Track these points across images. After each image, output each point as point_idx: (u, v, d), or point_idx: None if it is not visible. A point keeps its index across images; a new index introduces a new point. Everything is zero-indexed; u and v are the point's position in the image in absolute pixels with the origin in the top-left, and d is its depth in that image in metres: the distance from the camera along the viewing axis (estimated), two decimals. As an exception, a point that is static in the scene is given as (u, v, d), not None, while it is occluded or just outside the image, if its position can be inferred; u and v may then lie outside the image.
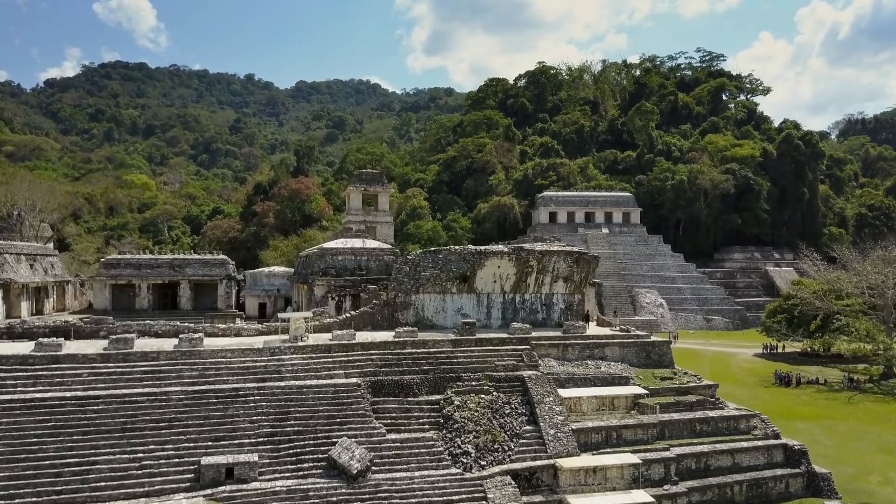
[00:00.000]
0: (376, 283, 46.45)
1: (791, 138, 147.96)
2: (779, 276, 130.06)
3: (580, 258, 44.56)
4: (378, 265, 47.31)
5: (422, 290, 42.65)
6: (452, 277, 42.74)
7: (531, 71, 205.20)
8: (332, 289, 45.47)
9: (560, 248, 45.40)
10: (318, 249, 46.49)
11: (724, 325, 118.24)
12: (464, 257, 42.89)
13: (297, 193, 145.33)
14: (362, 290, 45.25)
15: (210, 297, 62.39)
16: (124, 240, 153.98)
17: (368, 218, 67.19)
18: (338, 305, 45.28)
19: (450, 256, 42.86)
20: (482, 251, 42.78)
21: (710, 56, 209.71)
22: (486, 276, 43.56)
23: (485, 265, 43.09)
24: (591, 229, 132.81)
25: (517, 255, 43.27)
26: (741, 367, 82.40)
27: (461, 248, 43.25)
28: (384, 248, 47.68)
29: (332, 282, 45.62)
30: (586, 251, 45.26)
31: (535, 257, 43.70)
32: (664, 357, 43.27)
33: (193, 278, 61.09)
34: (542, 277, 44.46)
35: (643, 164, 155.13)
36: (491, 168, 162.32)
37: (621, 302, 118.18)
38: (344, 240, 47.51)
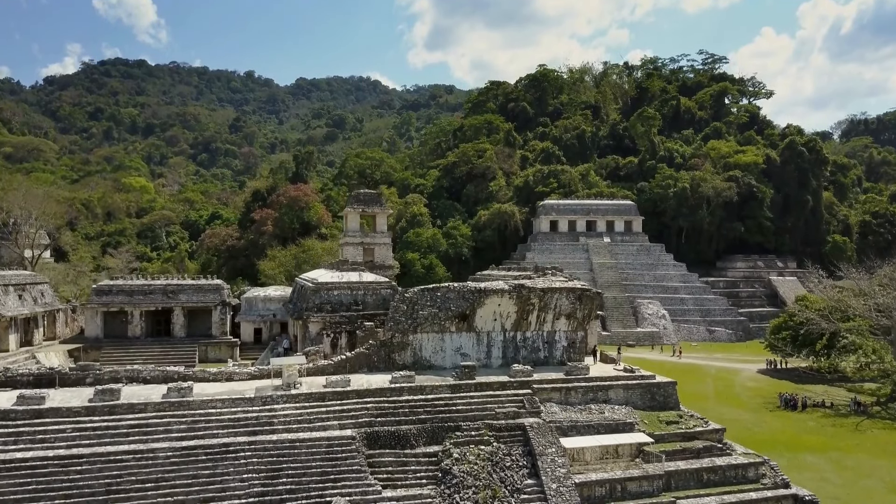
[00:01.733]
0: (373, 318, 45.14)
1: (795, 145, 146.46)
2: (782, 286, 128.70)
3: (583, 295, 43.21)
4: (375, 300, 45.98)
5: (419, 330, 41.29)
6: (451, 316, 41.40)
7: (532, 74, 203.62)
8: (327, 325, 44.14)
9: (562, 283, 44.03)
10: (313, 284, 45.12)
11: (727, 337, 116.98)
12: (463, 295, 41.54)
13: (295, 201, 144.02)
14: (358, 326, 43.92)
15: (204, 323, 61.17)
16: (122, 247, 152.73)
17: (366, 239, 65.72)
18: (333, 343, 43.95)
19: (448, 294, 41.51)
20: (482, 290, 41.41)
21: (713, 58, 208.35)
22: (486, 314, 42.23)
23: (485, 303, 41.76)
24: (593, 238, 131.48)
25: (518, 292, 41.92)
26: (745, 387, 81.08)
27: (460, 285, 41.88)
28: (381, 282, 46.30)
29: (327, 318, 44.29)
30: (589, 287, 43.86)
31: (537, 295, 42.36)
32: (669, 399, 41.95)
33: (187, 305, 59.86)
34: (543, 315, 43.14)
35: (645, 171, 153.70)
36: (491, 174, 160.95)
37: (623, 313, 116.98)
38: (340, 273, 46.13)
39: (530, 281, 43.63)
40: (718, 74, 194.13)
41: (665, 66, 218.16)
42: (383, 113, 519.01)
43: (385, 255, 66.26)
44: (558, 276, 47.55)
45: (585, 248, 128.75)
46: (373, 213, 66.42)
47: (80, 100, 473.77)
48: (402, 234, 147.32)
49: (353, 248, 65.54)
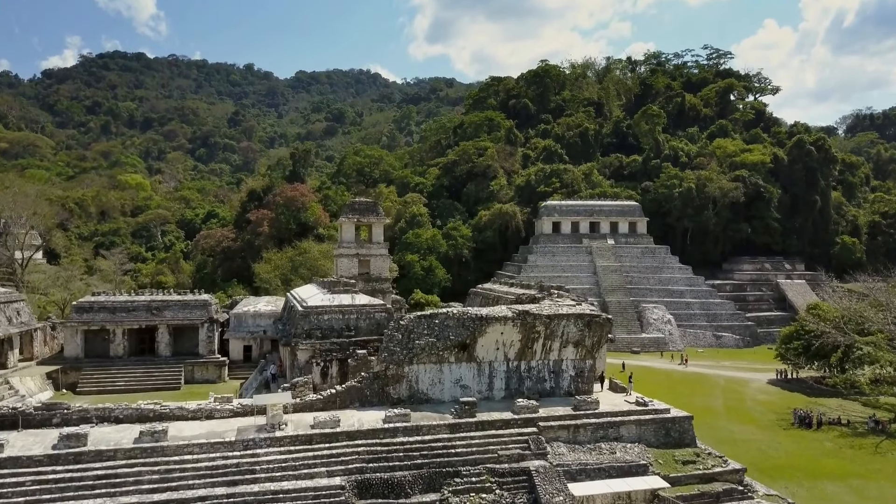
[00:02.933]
0: (366, 344, 42.10)
1: (803, 143, 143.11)
2: (791, 290, 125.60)
3: (592, 321, 40.13)
4: (368, 324, 42.90)
5: (416, 361, 38.24)
6: (450, 346, 38.34)
7: (534, 70, 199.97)
8: (317, 353, 41.09)
9: (570, 308, 40.93)
10: (302, 308, 42.02)
11: (734, 343, 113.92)
12: (463, 323, 38.46)
13: (292, 201, 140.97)
14: (350, 354, 40.88)
15: (191, 340, 58.14)
16: (115, 248, 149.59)
17: (362, 251, 62.52)
18: (323, 372, 40.92)
19: (447, 322, 38.43)
20: (483, 317, 38.33)
21: (717, 53, 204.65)
22: (488, 343, 39.16)
23: (486, 332, 38.70)
24: (597, 240, 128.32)
25: (522, 320, 38.85)
26: (756, 401, 78.05)
27: (459, 312, 38.79)
28: (375, 305, 43.19)
29: (316, 345, 41.23)
30: (599, 313, 40.75)
31: (543, 322, 39.28)
32: (685, 434, 38.92)
33: (172, 322, 56.78)
34: (549, 343, 40.08)
35: (649, 170, 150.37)
36: (492, 173, 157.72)
37: (628, 318, 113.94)
38: (331, 295, 43.04)
39: (535, 306, 40.51)
40: (724, 70, 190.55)
41: (669, 61, 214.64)
42: (383, 106, 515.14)
43: (381, 266, 63.07)
44: (565, 299, 44.43)
45: (589, 251, 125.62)
46: (368, 222, 63.17)
47: (78, 93, 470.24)
48: (401, 234, 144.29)
49: (348, 259, 62.40)
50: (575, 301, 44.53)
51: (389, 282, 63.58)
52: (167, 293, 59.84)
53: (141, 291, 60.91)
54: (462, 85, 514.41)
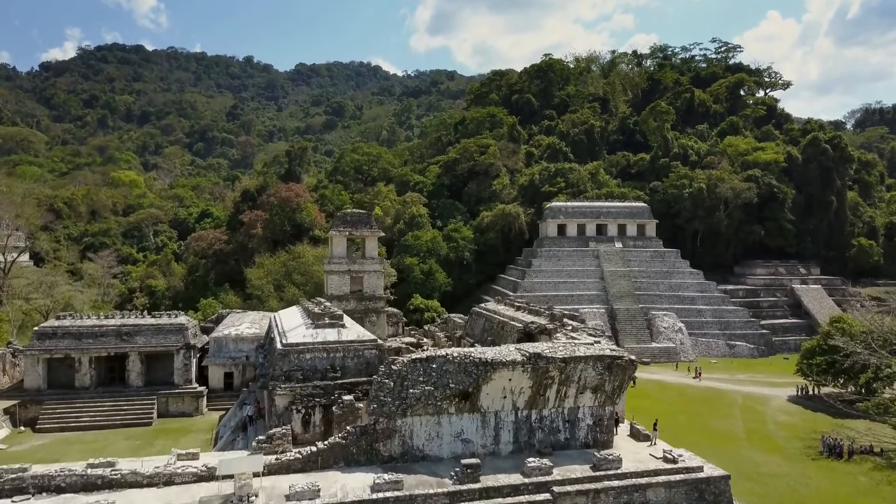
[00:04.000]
0: (354, 388, 36.88)
1: (817, 141, 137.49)
2: (806, 295, 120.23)
3: (613, 364, 34.87)
4: (357, 364, 37.65)
5: (410, 413, 33.00)
6: (450, 395, 33.11)
7: (537, 64, 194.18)
8: (297, 398, 35.87)
9: (587, 348, 35.65)
10: (282, 346, 36.75)
11: (748, 352, 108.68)
12: (465, 369, 33.21)
13: (286, 202, 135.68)
14: (336, 400, 35.67)
15: (166, 368, 52.79)
16: (104, 250, 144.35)
17: (354, 267, 57.17)
18: (305, 420, 35.69)
19: (446, 367, 33.18)
20: (489, 362, 33.07)
21: (726, 47, 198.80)
22: (494, 391, 33.94)
23: (492, 379, 33.47)
24: (604, 243, 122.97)
25: (534, 364, 33.59)
26: (778, 423, 72.86)
27: (461, 355, 33.53)
28: (365, 341, 37.92)
29: (297, 389, 36.00)
30: (622, 353, 35.44)
31: (557, 366, 34.02)
32: (721, 497, 33.67)
33: (145, 349, 51.47)
34: (565, 389, 34.85)
35: (657, 169, 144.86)
36: (495, 171, 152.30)
37: (637, 327, 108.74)
38: (314, 331, 37.79)
39: (548, 346, 35.21)
40: (734, 65, 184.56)
41: (675, 55, 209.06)
42: (383, 100, 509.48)
43: (375, 284, 57.78)
44: (581, 333, 39.12)
45: (596, 255, 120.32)
46: (362, 235, 57.77)
47: (76, 87, 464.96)
48: (399, 236, 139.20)
49: (339, 276, 57.15)
50: (592, 335, 39.23)
51: (384, 300, 58.32)
52: (140, 315, 54.55)
53: (112, 313, 55.68)
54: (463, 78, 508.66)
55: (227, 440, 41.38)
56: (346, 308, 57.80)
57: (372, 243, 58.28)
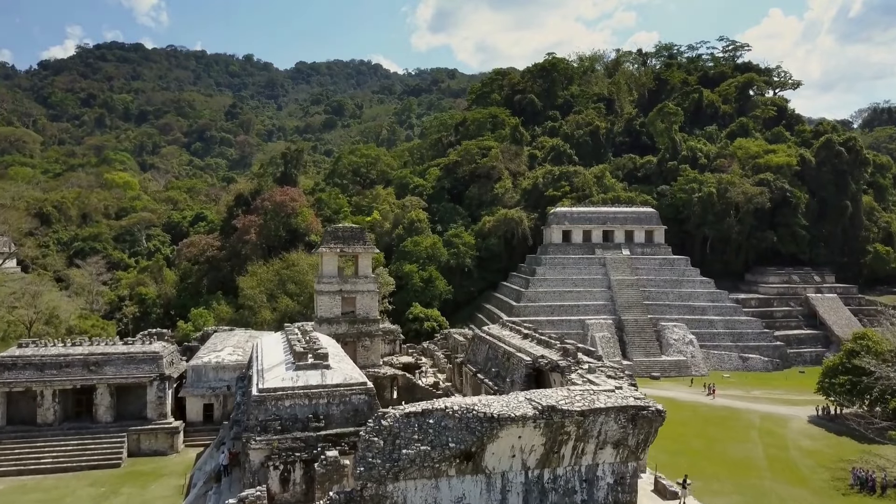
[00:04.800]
0: (340, 440, 32.22)
1: (832, 144, 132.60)
2: (822, 305, 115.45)
3: (638, 416, 30.22)
4: (343, 411, 32.96)
5: (403, 476, 28.33)
6: (450, 456, 28.44)
7: (540, 63, 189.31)
8: (275, 453, 31.25)
9: (608, 397, 31.00)
10: (258, 393, 32.08)
11: (762, 365, 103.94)
12: (467, 425, 28.53)
13: (281, 206, 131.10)
14: (318, 455, 31.05)
15: (138, 400, 47.90)
16: (93, 256, 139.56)
17: (346, 287, 52.38)
18: (283, 478, 31.07)
19: (445, 423, 28.51)
20: (495, 417, 28.42)
21: (734, 45, 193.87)
22: (501, 449, 29.29)
23: (499, 436, 28.83)
24: (610, 250, 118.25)
25: (547, 419, 28.94)
26: (801, 449, 68.09)
27: (462, 409, 28.86)
28: (352, 385, 33.27)
29: (274, 442, 31.38)
30: (648, 403, 30.77)
31: (574, 421, 29.37)
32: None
33: (115, 380, 46.59)
34: (582, 445, 30.23)
35: (665, 172, 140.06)
36: (497, 174, 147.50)
37: (646, 339, 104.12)
38: (294, 373, 33.14)
39: (564, 396, 30.48)
40: (742, 64, 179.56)
41: (682, 53, 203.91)
42: (384, 98, 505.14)
43: (369, 305, 53.03)
44: (599, 376, 34.38)
45: (602, 262, 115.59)
46: (354, 252, 52.99)
47: (74, 85, 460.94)
48: (398, 242, 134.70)
49: (329, 297, 52.42)
50: (611, 376, 34.50)
51: (378, 323, 53.63)
52: (110, 342, 49.81)
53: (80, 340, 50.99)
54: (465, 76, 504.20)
55: (198, 493, 36.81)
56: (338, 332, 53.30)
57: (365, 261, 53.53)
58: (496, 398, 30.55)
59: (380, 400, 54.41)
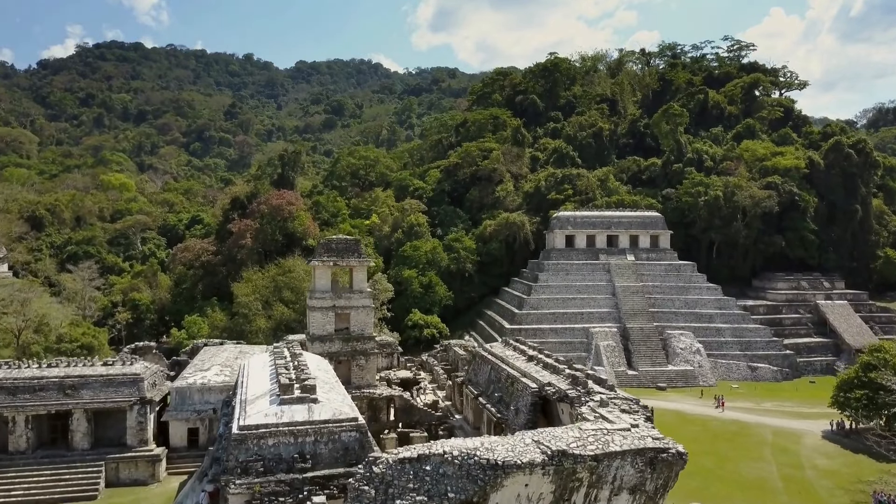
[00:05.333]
0: (328, 483, 29.31)
1: (841, 146, 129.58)
2: (832, 312, 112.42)
3: (657, 458, 27.32)
4: (332, 450, 30.01)
5: (397, 529, 25.39)
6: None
7: (542, 63, 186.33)
8: (256, 498, 28.33)
9: (624, 438, 28.08)
10: (239, 431, 29.16)
11: (771, 375, 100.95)
12: (468, 473, 25.62)
13: (277, 210, 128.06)
14: (305, 500, 28.14)
15: (118, 425, 44.77)
16: (86, 261, 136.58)
17: (339, 302, 49.34)
18: (266, 527, 28.11)
19: (444, 471, 25.61)
20: (500, 465, 25.52)
21: (739, 45, 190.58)
22: (506, 499, 26.42)
23: (504, 485, 25.95)
24: (615, 256, 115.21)
25: (558, 465, 26.04)
26: (817, 468, 65.13)
27: (463, 454, 25.97)
28: (342, 421, 30.34)
29: (256, 485, 28.45)
30: (668, 444, 27.84)
31: (587, 466, 26.47)
32: None
33: (92, 405, 43.58)
34: (595, 492, 27.35)
35: (670, 175, 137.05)
36: (498, 177, 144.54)
37: (652, 348, 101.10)
38: (279, 408, 30.23)
39: (576, 438, 27.56)
40: (748, 64, 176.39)
41: (685, 53, 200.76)
42: (384, 98, 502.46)
43: (364, 322, 50.02)
44: (613, 410, 31.37)
45: (606, 269, 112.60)
46: (348, 266, 49.90)
47: (73, 85, 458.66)
48: (397, 246, 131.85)
49: (322, 314, 49.37)
50: (626, 410, 31.55)
51: (374, 340, 50.63)
52: (88, 363, 46.69)
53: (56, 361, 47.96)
54: (465, 75, 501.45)
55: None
56: (331, 350, 50.33)
57: (361, 274, 50.50)
58: (500, 441, 27.62)
59: (376, 422, 51.71)
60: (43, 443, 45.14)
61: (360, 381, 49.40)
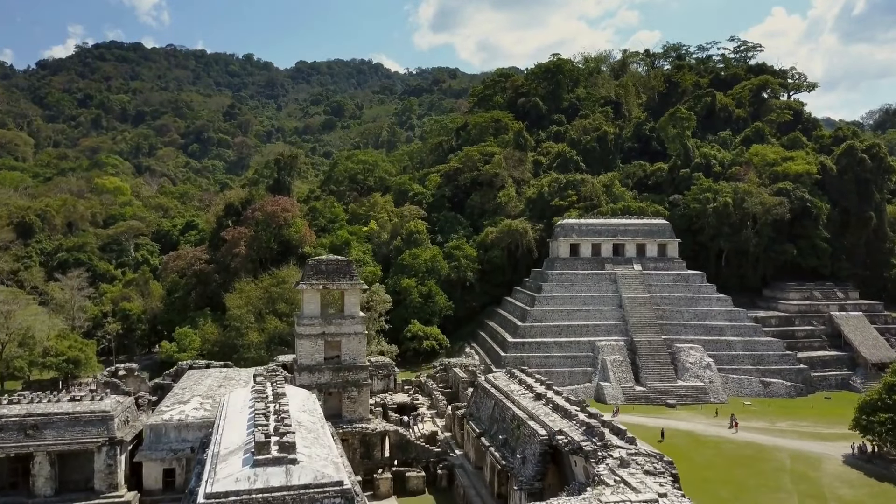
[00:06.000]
0: (310, 560, 25.36)
1: (854, 151, 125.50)
2: (847, 324, 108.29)
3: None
4: (314, 522, 26.02)
5: None
6: None
7: (544, 65, 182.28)
8: (225, 580, 24.31)
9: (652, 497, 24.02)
10: (205, 500, 25.21)
11: (785, 391, 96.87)
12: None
13: (273, 217, 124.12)
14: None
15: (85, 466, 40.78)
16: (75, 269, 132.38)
17: (329, 328, 45.07)
18: None
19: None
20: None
21: (746, 46, 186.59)
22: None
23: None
24: (621, 265, 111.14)
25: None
26: (842, 499, 60.99)
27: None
28: (325, 486, 26.40)
29: (226, 565, 24.43)
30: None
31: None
32: None
33: (56, 447, 39.51)
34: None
35: (677, 180, 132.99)
36: (500, 182, 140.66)
37: (660, 362, 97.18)
38: (252, 470, 26.33)
39: None
40: (756, 66, 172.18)
41: (690, 54, 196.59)
42: (384, 98, 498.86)
43: (356, 350, 45.77)
44: (636, 471, 27.37)
45: (613, 279, 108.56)
46: (339, 289, 45.69)
47: (71, 86, 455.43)
48: (396, 254, 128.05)
49: (311, 342, 45.13)
50: (651, 472, 27.50)
51: (366, 370, 46.40)
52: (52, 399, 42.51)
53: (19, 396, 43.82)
54: (466, 76, 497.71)
55: None
56: (320, 381, 46.22)
57: (353, 298, 46.36)
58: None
59: (369, 460, 47.80)
60: (2, 488, 41.23)
61: (351, 415, 45.23)
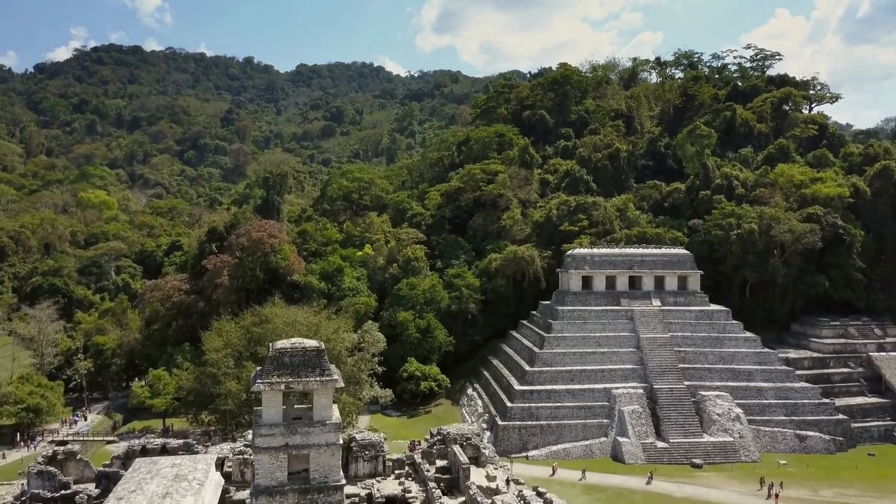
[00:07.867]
0: None
1: (889, 172, 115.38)
2: (888, 367, 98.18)
3: None
4: None
5: None
6: None
7: (550, 76, 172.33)
8: None
9: None
10: None
11: (823, 446, 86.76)
12: None
13: (258, 244, 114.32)
14: None
15: None
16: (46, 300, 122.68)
17: (294, 439, 34.42)
18: None
19: None
20: None
21: (763, 54, 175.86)
22: None
23: None
24: (638, 301, 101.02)
25: None
26: None
27: None
28: None
29: None
30: None
31: None
32: None
33: None
34: None
35: (696, 203, 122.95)
36: (504, 203, 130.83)
37: (684, 413, 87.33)
38: None
39: None
40: (777, 77, 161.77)
41: (704, 62, 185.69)
42: (385, 103, 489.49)
43: (328, 465, 35.52)
44: None
45: (629, 316, 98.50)
46: (307, 388, 35.39)
47: (67, 90, 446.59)
48: (393, 282, 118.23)
49: (271, 456, 34.60)
50: None
51: (342, 491, 36.25)
52: None
53: None
54: (468, 79, 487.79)
55: None
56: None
57: (324, 399, 35.98)
58: None
59: None
60: None
61: (323, 548, 35.39)
